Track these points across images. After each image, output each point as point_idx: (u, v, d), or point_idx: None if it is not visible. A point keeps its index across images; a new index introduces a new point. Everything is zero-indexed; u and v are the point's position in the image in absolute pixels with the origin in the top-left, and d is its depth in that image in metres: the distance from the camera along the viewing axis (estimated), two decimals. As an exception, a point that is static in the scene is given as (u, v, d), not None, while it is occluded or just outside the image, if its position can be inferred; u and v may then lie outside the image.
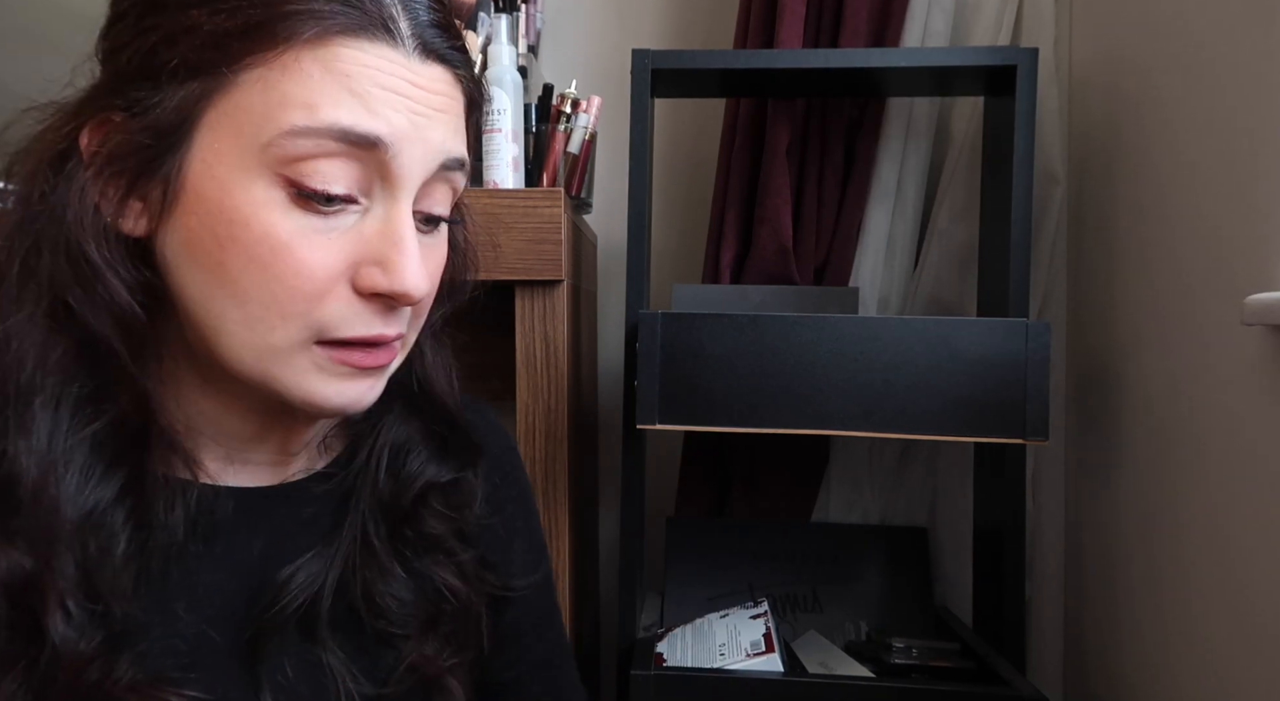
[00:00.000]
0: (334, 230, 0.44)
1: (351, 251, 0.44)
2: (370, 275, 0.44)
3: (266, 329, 0.44)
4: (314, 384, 0.46)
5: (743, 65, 1.00)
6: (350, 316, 0.45)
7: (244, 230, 0.43)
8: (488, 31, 1.04)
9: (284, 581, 0.50)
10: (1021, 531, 0.98)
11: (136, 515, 0.46)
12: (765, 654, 0.91)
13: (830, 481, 1.17)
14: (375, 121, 0.43)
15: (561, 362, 0.93)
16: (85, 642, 0.43)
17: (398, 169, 0.44)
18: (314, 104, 0.42)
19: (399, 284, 0.44)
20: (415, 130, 0.45)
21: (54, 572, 0.43)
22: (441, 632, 0.55)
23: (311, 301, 0.44)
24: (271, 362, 0.45)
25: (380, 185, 0.45)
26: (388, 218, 0.45)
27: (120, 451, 0.45)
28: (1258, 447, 0.74)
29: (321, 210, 0.43)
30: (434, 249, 0.49)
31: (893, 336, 0.89)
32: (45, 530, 0.43)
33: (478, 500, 0.59)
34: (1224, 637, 0.78)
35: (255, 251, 0.43)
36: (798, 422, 0.90)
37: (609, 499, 1.32)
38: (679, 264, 1.31)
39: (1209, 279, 0.82)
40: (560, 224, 0.90)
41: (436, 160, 0.46)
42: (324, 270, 0.44)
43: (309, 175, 0.43)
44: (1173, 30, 0.89)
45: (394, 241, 0.44)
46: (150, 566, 0.47)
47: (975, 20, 1.11)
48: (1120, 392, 0.98)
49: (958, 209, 1.12)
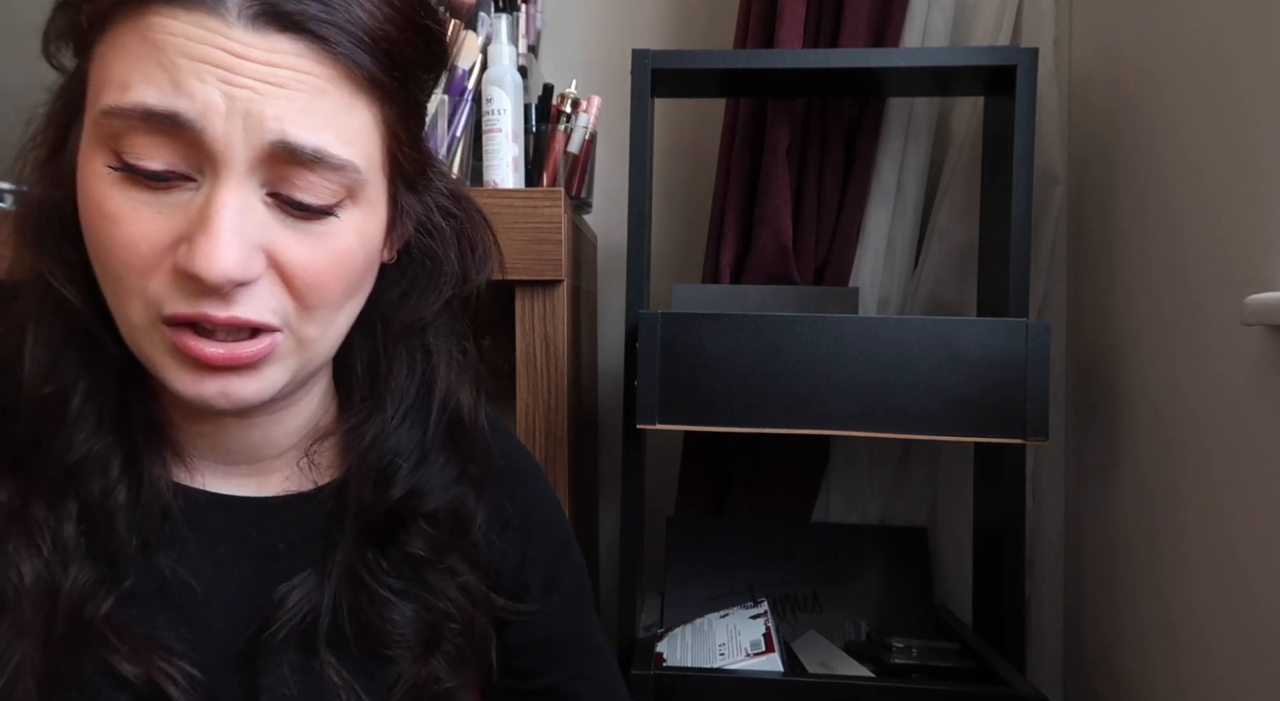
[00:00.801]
0: (165, 205, 0.42)
1: (177, 227, 0.42)
2: (180, 253, 0.42)
3: (122, 304, 0.44)
4: (172, 372, 0.44)
5: (743, 65, 1.00)
6: (172, 292, 0.43)
7: (86, 201, 0.43)
8: (488, 31, 1.04)
9: (279, 600, 0.50)
10: (1021, 531, 0.98)
11: (131, 472, 0.48)
12: (765, 654, 0.91)
13: (830, 481, 1.17)
14: (177, 98, 0.40)
15: (561, 363, 0.93)
16: (79, 575, 0.45)
17: (211, 145, 0.41)
18: (127, 82, 0.41)
19: (193, 263, 0.41)
20: (231, 104, 0.41)
21: (46, 505, 0.46)
22: (443, 652, 0.54)
23: (141, 275, 0.43)
24: (138, 341, 0.45)
25: (208, 163, 0.42)
26: (207, 196, 0.42)
27: (107, 410, 0.48)
28: (1258, 447, 0.74)
29: (150, 185, 0.42)
30: (316, 239, 0.45)
31: (893, 336, 0.89)
32: (41, 467, 0.46)
33: (477, 522, 0.57)
34: (1224, 637, 0.78)
35: (94, 221, 0.43)
36: (798, 422, 0.90)
37: (609, 499, 1.32)
38: (679, 264, 1.31)
39: (1209, 279, 0.82)
40: (560, 224, 0.90)
41: (265, 139, 0.42)
42: (147, 244, 0.42)
43: (127, 150, 0.42)
44: (1173, 30, 0.89)
45: (202, 219, 0.42)
46: (145, 537, 0.48)
47: (975, 20, 1.11)
48: (1120, 392, 0.98)
49: (958, 209, 1.12)
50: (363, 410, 0.54)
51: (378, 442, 0.53)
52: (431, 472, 0.55)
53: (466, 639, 0.56)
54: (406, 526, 0.54)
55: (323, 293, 0.46)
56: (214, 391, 0.45)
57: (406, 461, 0.54)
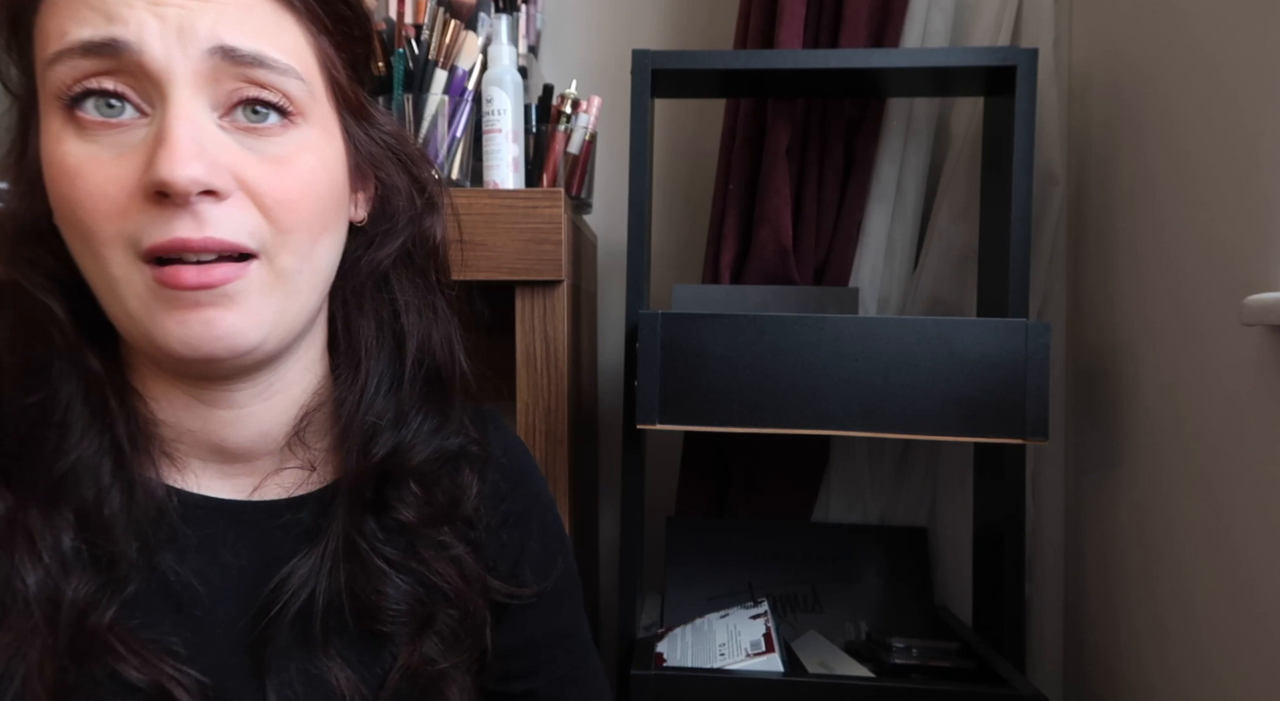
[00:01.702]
0: (125, 148, 0.44)
1: (140, 163, 0.43)
2: (143, 177, 0.43)
3: (103, 262, 0.44)
4: (157, 318, 0.45)
5: (743, 65, 1.00)
6: (148, 224, 0.43)
7: (49, 167, 0.44)
8: (488, 31, 1.04)
9: (280, 583, 0.50)
10: (1021, 531, 0.98)
11: (123, 477, 0.48)
12: (765, 654, 0.91)
13: (830, 481, 1.17)
14: (113, 27, 0.42)
15: (561, 363, 0.93)
16: (80, 584, 0.45)
17: (151, 64, 0.43)
18: (64, 30, 0.43)
19: (157, 173, 0.42)
20: (163, 23, 0.43)
21: (42, 515, 0.46)
22: (437, 632, 0.55)
23: (116, 219, 0.43)
24: (123, 295, 0.45)
25: (154, 90, 0.44)
26: (159, 118, 0.43)
27: (93, 412, 0.48)
28: (1257, 447, 0.74)
29: (105, 123, 0.43)
30: (278, 161, 0.46)
31: (893, 336, 0.89)
32: (33, 476, 0.47)
33: (473, 494, 0.57)
34: (1224, 637, 0.79)
35: (60, 183, 0.44)
36: (798, 422, 0.90)
37: (609, 499, 1.32)
38: (679, 264, 1.31)
39: (1209, 279, 0.82)
40: (560, 224, 0.90)
41: (203, 47, 0.43)
42: (116, 186, 0.43)
43: (74, 88, 0.43)
44: (1173, 30, 0.90)
45: (159, 136, 0.43)
46: (143, 542, 0.48)
47: (975, 20, 1.11)
48: (1120, 392, 0.98)
49: (958, 209, 1.12)
50: (344, 381, 0.55)
51: (360, 408, 0.54)
52: (411, 428, 0.55)
53: (461, 619, 0.56)
54: (397, 488, 0.54)
55: (293, 214, 0.47)
56: (200, 330, 0.45)
57: (385, 420, 0.54)
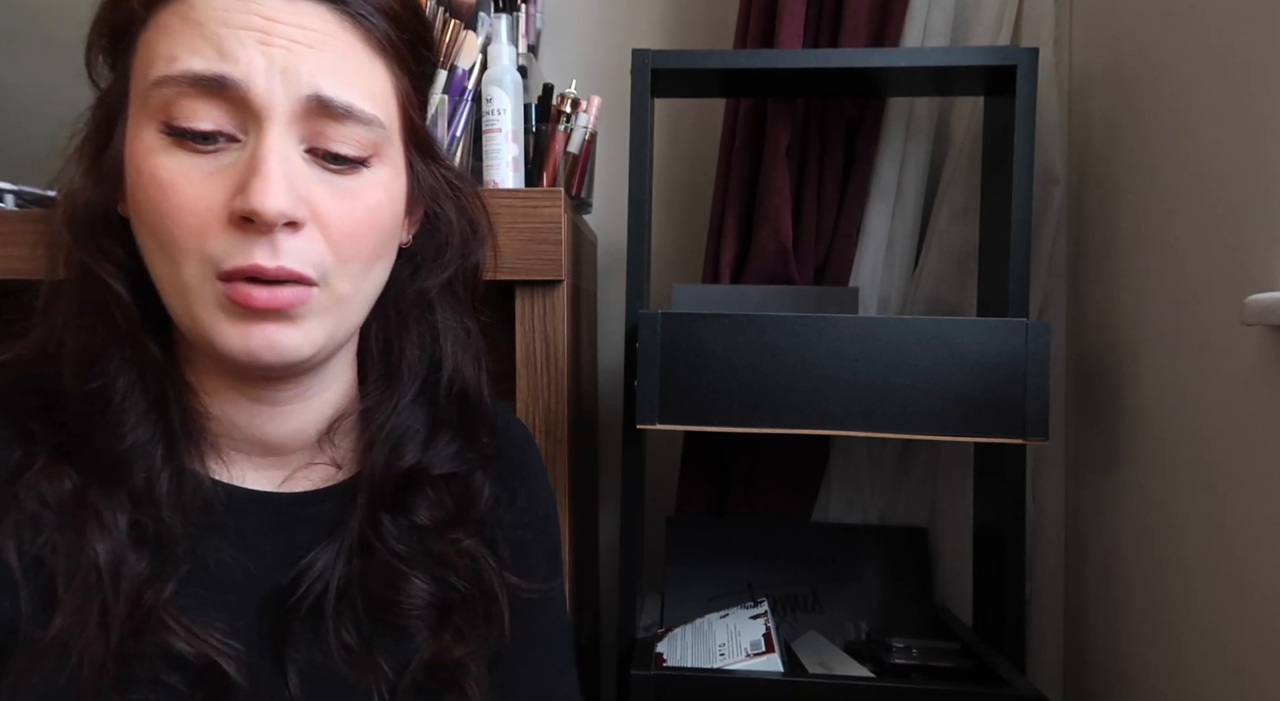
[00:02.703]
0: (214, 169, 0.47)
1: (230, 186, 0.46)
2: (233, 202, 0.46)
3: (178, 269, 0.47)
4: (221, 326, 0.48)
5: (743, 65, 1.00)
6: (230, 247, 0.46)
7: (139, 176, 0.47)
8: (488, 31, 1.04)
9: (298, 574, 0.52)
10: (1021, 531, 0.98)
11: (173, 463, 0.50)
12: (765, 654, 0.91)
13: (830, 481, 1.17)
14: (222, 63, 0.46)
15: (561, 363, 0.93)
16: (137, 561, 0.48)
17: (255, 101, 0.46)
18: (174, 55, 0.46)
19: (248, 203, 0.45)
20: (270, 62, 0.46)
21: (102, 493, 0.48)
22: (455, 627, 0.56)
23: (199, 236, 0.46)
24: (191, 302, 0.48)
25: (251, 121, 0.47)
26: (253, 148, 0.47)
27: (150, 402, 0.50)
28: (1258, 447, 0.74)
29: (199, 149, 0.46)
30: (350, 194, 0.50)
31: (893, 336, 0.89)
32: (94, 459, 0.49)
33: (485, 496, 0.60)
34: (1224, 637, 0.78)
35: (149, 193, 0.47)
36: (798, 422, 0.90)
37: (609, 499, 1.32)
38: (679, 264, 1.31)
39: (1209, 279, 0.82)
40: (560, 224, 0.90)
41: (303, 92, 0.47)
42: (204, 202, 0.46)
43: (178, 116, 0.46)
44: (1173, 29, 0.89)
45: (252, 164, 0.46)
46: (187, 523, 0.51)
47: (975, 20, 1.11)
48: (1120, 392, 0.98)
49: (958, 209, 1.12)
50: (377, 390, 0.58)
51: (390, 419, 0.57)
52: (439, 446, 0.58)
53: (478, 612, 0.57)
54: (415, 495, 0.57)
55: (356, 245, 0.50)
56: (260, 342, 0.48)
57: (416, 437, 0.57)
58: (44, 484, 0.48)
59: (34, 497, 0.48)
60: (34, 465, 0.48)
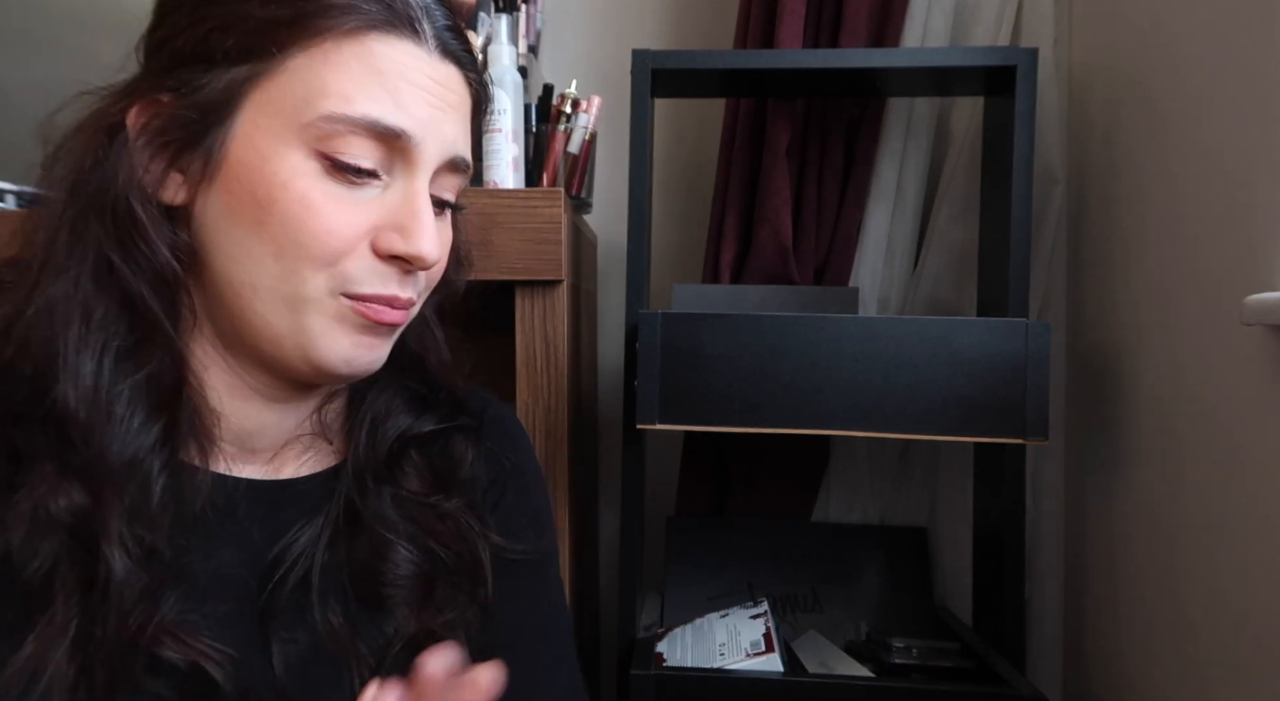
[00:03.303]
0: (359, 199, 0.50)
1: (374, 218, 0.50)
2: (389, 239, 0.50)
3: (300, 281, 0.49)
4: (334, 335, 0.51)
5: (743, 65, 1.00)
6: (370, 274, 0.50)
7: (283, 192, 0.48)
8: (488, 31, 1.04)
9: (279, 554, 0.53)
10: (1021, 531, 0.98)
11: (170, 469, 0.50)
12: (765, 654, 0.91)
13: (830, 481, 1.17)
14: (401, 116, 0.49)
15: (561, 363, 0.93)
16: (134, 581, 0.47)
17: (417, 155, 0.50)
18: (350, 96, 0.48)
19: (415, 247, 0.50)
20: (433, 123, 0.51)
21: (108, 509, 0.47)
22: (437, 597, 0.56)
23: (338, 257, 0.49)
24: (303, 312, 0.50)
25: (401, 165, 0.51)
26: (407, 192, 0.51)
27: (156, 405, 0.50)
28: (1258, 447, 0.74)
29: (350, 181, 0.49)
30: (444, 230, 0.56)
31: (893, 336, 0.89)
32: (96, 469, 0.48)
33: (468, 460, 0.61)
34: (1223, 637, 0.79)
35: (292, 210, 0.48)
36: (798, 422, 0.90)
37: (609, 499, 1.32)
38: (679, 264, 1.31)
39: (1209, 279, 0.82)
40: (560, 224, 0.90)
41: (448, 152, 0.52)
42: (350, 229, 0.49)
43: (342, 152, 0.49)
44: (1172, 30, 0.89)
45: (413, 212, 0.50)
46: (179, 527, 0.50)
47: (975, 20, 1.11)
48: (1120, 392, 0.98)
49: (958, 209, 1.12)
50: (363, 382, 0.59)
51: (378, 399, 0.59)
52: (421, 415, 0.61)
53: (463, 576, 0.58)
54: (402, 462, 0.59)
55: (439, 270, 0.56)
56: (365, 353, 0.52)
57: (399, 410, 0.60)
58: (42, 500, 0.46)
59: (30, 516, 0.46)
60: (30, 482, 0.47)
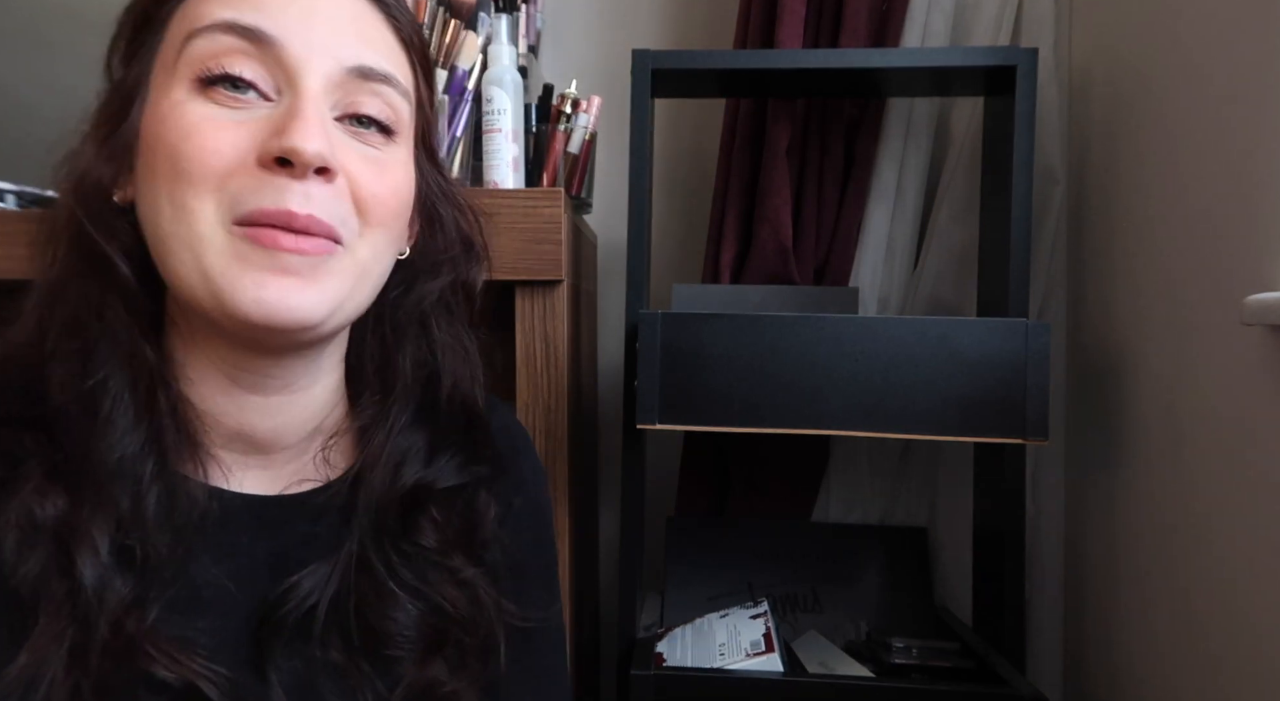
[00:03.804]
0: (243, 119, 0.47)
1: (259, 136, 0.46)
2: (268, 144, 0.46)
3: (190, 215, 0.46)
4: (234, 272, 0.46)
5: (743, 65, 1.00)
6: (256, 187, 0.46)
7: (164, 126, 0.47)
8: (488, 31, 1.04)
9: (287, 589, 0.51)
10: (1021, 531, 0.98)
11: (164, 478, 0.49)
12: (765, 654, 0.91)
13: (830, 481, 1.17)
14: (259, 16, 0.47)
15: (561, 363, 0.93)
16: (121, 586, 0.46)
17: (291, 60, 0.47)
18: (211, 12, 0.47)
19: (288, 141, 0.45)
20: (307, 27, 0.48)
21: (90, 515, 0.46)
22: (446, 656, 0.54)
23: (221, 178, 0.46)
24: (202, 253, 0.46)
25: (284, 79, 0.47)
26: (289, 101, 0.47)
27: (140, 408, 0.49)
28: (1257, 447, 0.74)
29: (230, 99, 0.47)
30: (378, 161, 0.51)
31: (893, 336, 0.89)
32: (82, 475, 0.47)
33: (490, 518, 0.58)
34: (1223, 637, 0.78)
35: (171, 140, 0.46)
36: (798, 422, 0.90)
37: (609, 499, 1.32)
38: (679, 264, 1.31)
39: (1209, 279, 0.82)
40: (560, 224, 0.90)
41: (340, 63, 0.48)
42: (230, 147, 0.46)
43: (211, 65, 0.46)
44: (1172, 30, 0.89)
45: (291, 112, 0.46)
46: (174, 537, 0.49)
47: (975, 20, 1.11)
48: (1120, 392, 0.98)
49: (958, 209, 1.12)
50: (373, 407, 0.57)
51: (390, 438, 0.56)
52: (441, 463, 0.57)
53: (471, 643, 0.55)
54: (417, 517, 0.55)
55: (381, 211, 0.51)
56: (275, 296, 0.46)
57: (418, 456, 0.56)
58: (28, 506, 0.46)
59: (17, 522, 0.45)
60: (17, 486, 0.46)
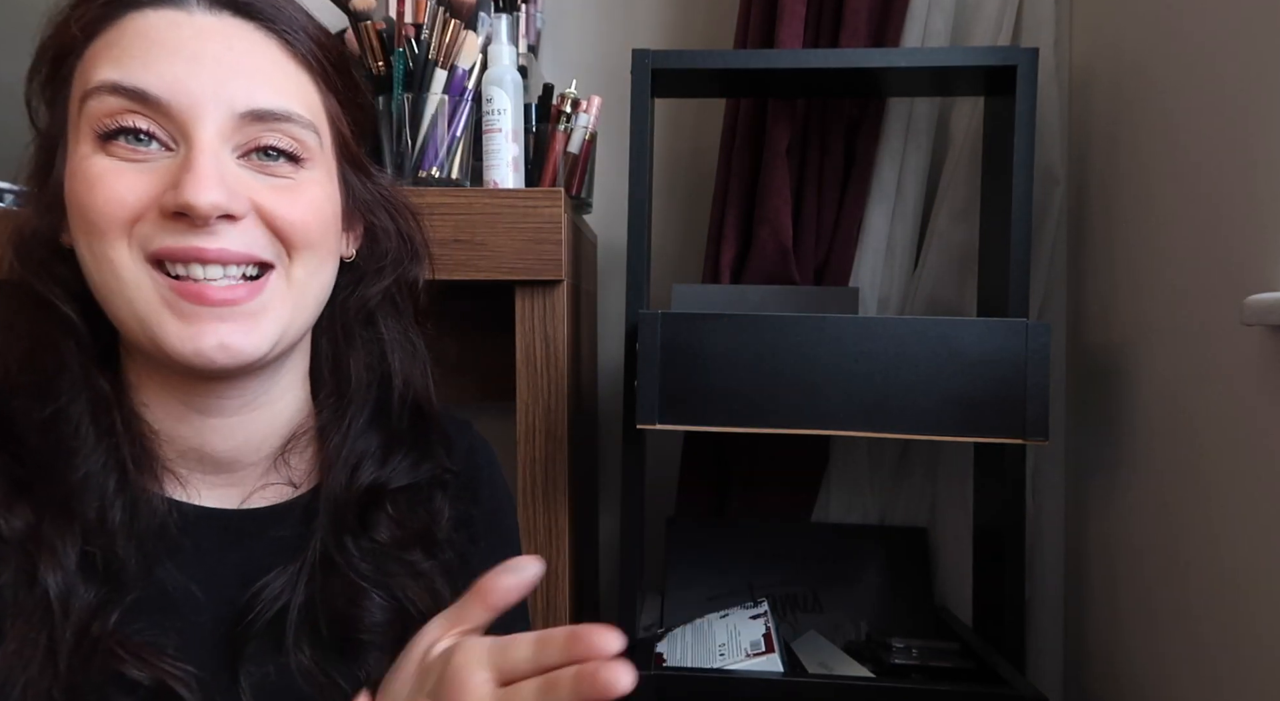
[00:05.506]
0: (144, 170, 0.48)
1: (160, 185, 0.48)
2: (165, 196, 0.47)
3: (111, 264, 0.48)
4: (169, 326, 0.48)
5: (743, 65, 1.00)
6: (161, 230, 0.48)
7: (74, 180, 0.48)
8: (488, 31, 1.03)
9: (256, 593, 0.53)
10: (1021, 531, 0.98)
11: (128, 491, 0.50)
12: (765, 654, 0.91)
13: (830, 481, 1.17)
14: (144, 75, 0.47)
15: (561, 363, 0.93)
16: (85, 592, 0.47)
17: (180, 114, 0.48)
18: (97, 74, 0.48)
19: (180, 196, 0.46)
20: (194, 78, 0.48)
21: (56, 525, 0.48)
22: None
23: (127, 223, 0.47)
24: (130, 298, 0.48)
25: (178, 131, 0.48)
26: (184, 152, 0.48)
27: (101, 433, 0.50)
28: (1257, 447, 0.74)
29: (132, 151, 0.48)
30: (288, 190, 0.51)
31: (893, 336, 0.89)
32: (47, 488, 0.49)
33: (444, 515, 0.60)
34: (1223, 637, 0.78)
35: (79, 194, 0.48)
36: (798, 422, 0.90)
37: (609, 499, 1.32)
38: (679, 264, 1.30)
39: (1209, 279, 0.82)
40: (560, 224, 0.90)
41: (233, 109, 0.49)
42: (133, 195, 0.47)
43: (108, 122, 0.47)
44: (1172, 30, 0.89)
45: (185, 164, 0.47)
46: (140, 548, 0.50)
47: (975, 20, 1.11)
48: (1120, 392, 0.98)
49: (958, 209, 1.12)
50: (329, 408, 0.58)
51: (347, 441, 0.58)
52: (395, 462, 0.59)
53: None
54: (374, 515, 0.57)
55: (302, 232, 0.51)
56: (212, 343, 0.48)
57: (373, 457, 0.58)
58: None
59: None
60: None
